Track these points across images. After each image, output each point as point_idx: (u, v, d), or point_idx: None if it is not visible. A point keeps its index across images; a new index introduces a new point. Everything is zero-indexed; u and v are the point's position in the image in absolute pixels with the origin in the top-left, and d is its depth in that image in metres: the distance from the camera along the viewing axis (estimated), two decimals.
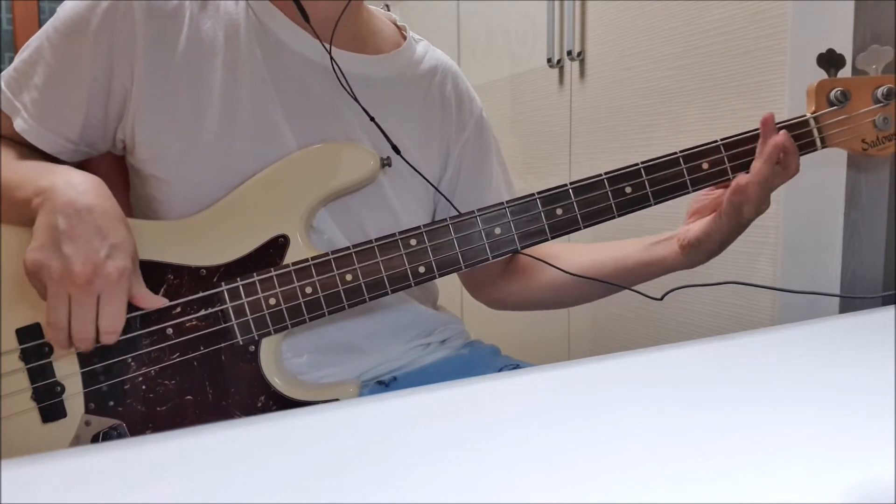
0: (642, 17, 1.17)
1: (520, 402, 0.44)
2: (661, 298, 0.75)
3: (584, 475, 0.32)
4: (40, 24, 2.52)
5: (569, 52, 1.32)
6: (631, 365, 0.50)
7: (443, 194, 0.79)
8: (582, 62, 1.32)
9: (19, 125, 0.68)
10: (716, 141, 0.70)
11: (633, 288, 0.76)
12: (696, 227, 0.72)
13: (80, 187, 0.60)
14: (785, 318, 0.98)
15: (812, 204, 0.93)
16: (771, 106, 0.95)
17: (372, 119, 0.70)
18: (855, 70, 0.73)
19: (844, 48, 0.84)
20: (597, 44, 1.29)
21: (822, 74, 0.72)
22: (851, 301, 0.90)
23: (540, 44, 1.42)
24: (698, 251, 0.72)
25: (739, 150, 0.70)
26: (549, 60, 1.37)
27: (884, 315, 0.61)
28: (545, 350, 1.50)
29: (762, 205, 0.69)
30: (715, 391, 0.43)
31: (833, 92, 0.71)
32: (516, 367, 0.80)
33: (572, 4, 1.31)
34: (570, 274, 0.78)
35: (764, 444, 0.35)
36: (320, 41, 0.70)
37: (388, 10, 0.87)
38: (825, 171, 0.90)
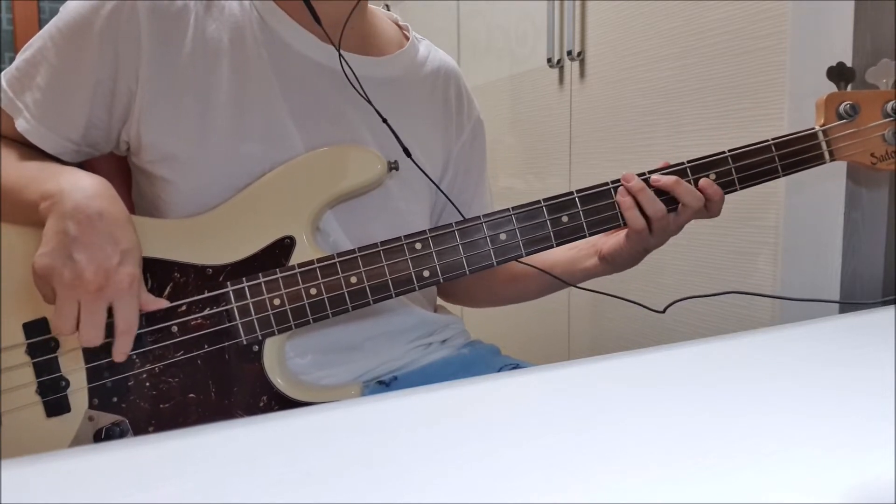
0: (642, 17, 1.17)
1: (520, 402, 0.44)
2: (664, 311, 0.75)
3: (584, 475, 0.32)
4: (40, 24, 2.52)
5: (569, 52, 1.32)
6: (631, 365, 0.50)
7: (448, 198, 0.79)
8: (582, 62, 1.32)
9: (21, 125, 0.68)
10: (724, 152, 0.70)
11: (636, 302, 0.78)
12: (611, 242, 0.75)
13: (89, 191, 0.60)
14: (785, 318, 0.98)
15: (812, 204, 0.93)
16: (770, 106, 0.95)
17: (384, 121, 0.70)
18: (864, 84, 0.73)
19: (845, 49, 0.84)
20: (597, 44, 1.28)
21: (823, 75, 0.72)
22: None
23: (540, 44, 1.42)
24: (614, 265, 0.76)
25: (749, 162, 0.70)
26: (549, 60, 1.37)
27: (884, 315, 0.61)
28: (545, 350, 1.50)
29: (668, 236, 0.72)
30: (715, 391, 0.44)
31: (842, 105, 0.71)
32: (516, 366, 0.81)
33: (572, 4, 1.31)
34: (569, 283, 0.79)
35: (764, 444, 0.35)
36: (332, 44, 0.70)
37: (388, 10, 0.87)
38: (825, 171, 0.90)
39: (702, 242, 1.08)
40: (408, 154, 0.72)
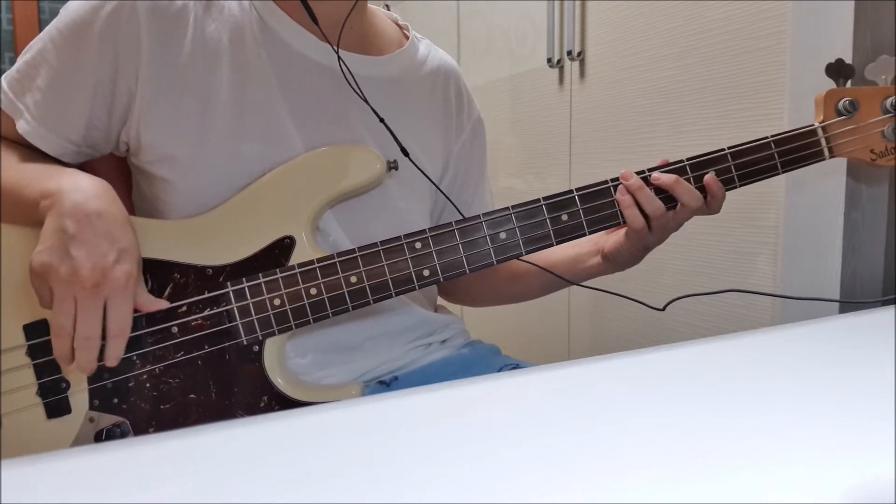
0: (642, 17, 1.17)
1: (520, 402, 0.44)
2: (663, 309, 0.75)
3: (584, 475, 0.32)
4: (40, 25, 2.53)
5: (569, 52, 1.32)
6: (631, 365, 0.50)
7: (448, 197, 0.79)
8: (582, 62, 1.32)
9: (22, 127, 0.68)
10: (723, 149, 0.70)
11: (636, 299, 0.78)
12: (612, 240, 0.75)
13: (89, 191, 0.60)
14: (785, 318, 0.97)
15: (812, 203, 0.93)
16: (770, 106, 0.95)
17: (381, 120, 0.71)
18: (863, 80, 0.73)
19: (845, 49, 0.84)
20: (597, 44, 1.28)
21: (823, 74, 0.72)
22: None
23: (540, 44, 1.42)
24: (615, 263, 0.76)
25: (748, 159, 0.70)
26: (549, 60, 1.37)
27: (884, 315, 0.61)
28: (545, 350, 1.50)
29: (668, 234, 0.72)
30: (715, 391, 0.44)
31: (841, 102, 0.71)
32: (516, 366, 0.81)
33: (572, 4, 1.31)
34: (571, 282, 0.79)
35: (764, 444, 0.35)
36: (329, 43, 0.70)
37: (388, 10, 0.87)
38: (825, 171, 0.90)
39: (702, 242, 1.08)
40: (405, 154, 0.72)
